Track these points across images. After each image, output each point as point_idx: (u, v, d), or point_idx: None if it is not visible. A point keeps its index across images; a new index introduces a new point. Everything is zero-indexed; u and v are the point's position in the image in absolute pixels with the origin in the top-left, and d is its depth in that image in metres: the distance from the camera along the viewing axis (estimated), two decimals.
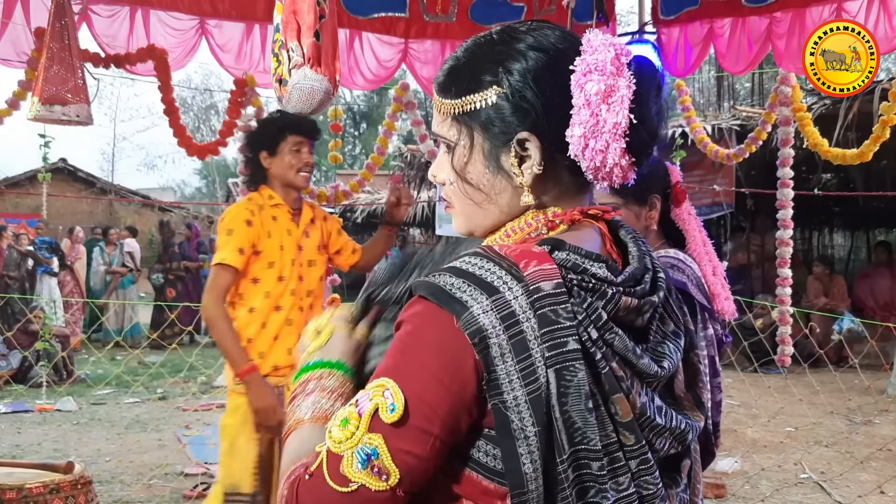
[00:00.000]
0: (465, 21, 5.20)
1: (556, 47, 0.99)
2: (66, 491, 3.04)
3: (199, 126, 29.59)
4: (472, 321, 0.86)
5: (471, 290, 0.88)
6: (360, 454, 0.85)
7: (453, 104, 1.01)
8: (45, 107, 4.28)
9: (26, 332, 7.83)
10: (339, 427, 0.87)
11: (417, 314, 0.91)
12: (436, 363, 0.87)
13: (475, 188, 1.02)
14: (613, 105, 0.93)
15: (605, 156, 0.95)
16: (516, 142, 0.98)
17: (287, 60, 2.67)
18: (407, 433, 0.86)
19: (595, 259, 0.94)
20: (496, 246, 0.94)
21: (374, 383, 0.89)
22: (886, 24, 4.43)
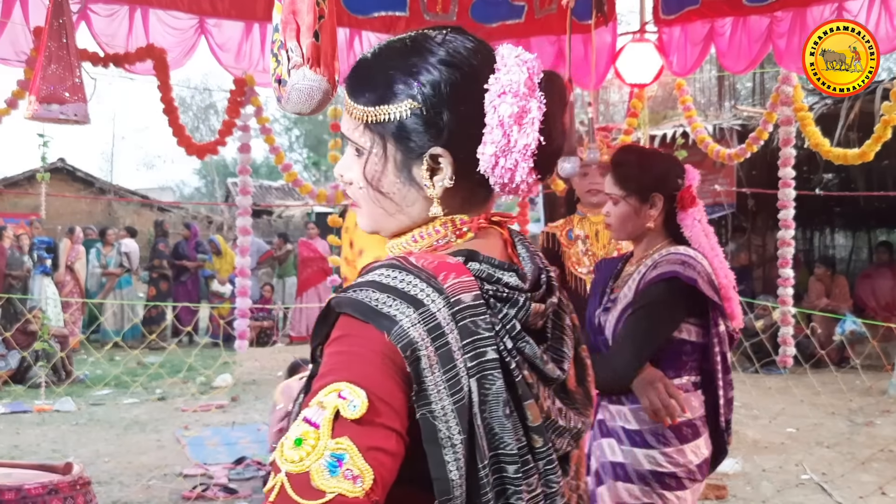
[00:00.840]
0: (465, 20, 5.19)
1: (471, 63, 1.00)
2: (64, 492, 3.02)
3: (198, 126, 29.55)
4: (403, 335, 0.88)
5: (397, 304, 0.90)
6: (328, 462, 0.82)
7: (366, 111, 1.02)
8: (43, 106, 4.27)
9: (25, 332, 7.81)
10: (293, 448, 0.83)
11: (348, 331, 0.91)
12: (382, 365, 0.88)
13: (386, 197, 1.04)
14: (525, 127, 0.97)
15: (513, 173, 0.99)
16: (429, 156, 1.00)
17: (286, 60, 2.65)
18: (373, 430, 0.85)
19: (507, 269, 0.99)
20: (412, 257, 0.96)
21: (324, 391, 0.86)
22: (887, 23, 4.42)
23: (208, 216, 19.59)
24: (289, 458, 0.83)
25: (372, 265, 0.97)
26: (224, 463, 5.15)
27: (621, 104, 12.56)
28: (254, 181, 13.67)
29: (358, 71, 1.04)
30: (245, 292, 5.78)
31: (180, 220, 16.47)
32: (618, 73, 4.94)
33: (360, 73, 1.03)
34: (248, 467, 5.04)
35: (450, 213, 1.03)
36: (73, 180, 18.45)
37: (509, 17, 5.21)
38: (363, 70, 1.03)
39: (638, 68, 4.84)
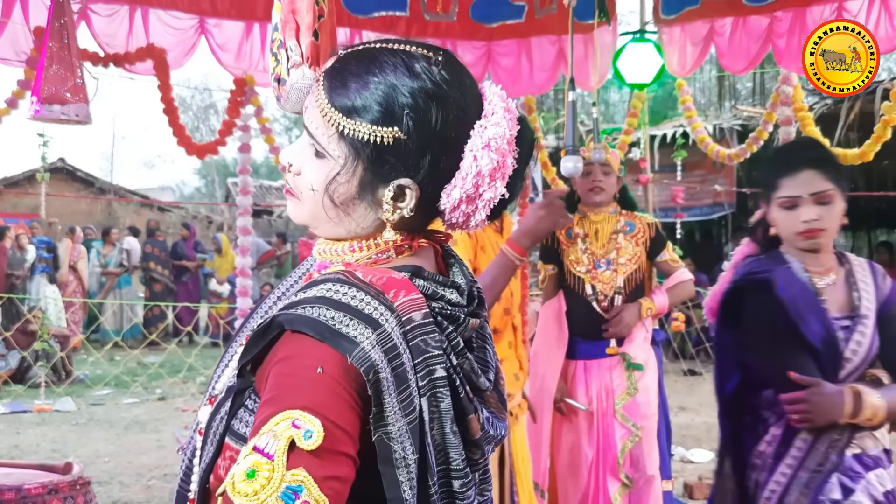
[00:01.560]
0: (465, 20, 5.19)
1: (462, 106, 0.98)
2: (64, 492, 3.03)
3: (198, 125, 29.54)
4: (365, 357, 0.87)
5: (354, 325, 0.89)
6: (284, 494, 0.80)
7: (344, 122, 0.97)
8: (44, 106, 4.27)
9: (25, 332, 7.82)
10: (245, 481, 0.81)
11: (297, 352, 0.88)
12: (336, 388, 0.86)
13: (335, 206, 1.01)
14: (495, 182, 0.98)
15: (469, 218, 1.00)
16: (397, 185, 0.98)
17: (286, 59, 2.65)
18: (328, 458, 0.84)
19: (450, 286, 1.00)
20: (357, 271, 0.96)
21: (275, 419, 0.84)
22: (887, 23, 4.42)
23: (208, 216, 19.60)
24: (242, 491, 0.80)
25: (315, 279, 0.96)
26: None
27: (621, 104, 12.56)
28: (254, 181, 13.67)
29: (344, 75, 0.99)
30: (246, 292, 5.78)
31: (179, 220, 16.48)
32: (618, 73, 4.95)
33: (346, 79, 0.98)
34: None
35: (383, 229, 1.02)
36: (73, 180, 18.45)
37: (509, 16, 5.21)
38: (350, 76, 0.98)
39: (638, 68, 4.84)
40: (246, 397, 0.96)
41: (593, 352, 3.24)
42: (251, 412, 0.94)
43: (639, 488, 3.15)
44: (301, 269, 1.17)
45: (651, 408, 3.23)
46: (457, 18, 5.15)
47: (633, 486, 3.16)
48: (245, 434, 0.94)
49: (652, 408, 3.23)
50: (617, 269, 3.25)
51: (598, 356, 3.24)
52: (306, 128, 1.02)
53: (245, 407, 0.96)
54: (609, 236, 3.29)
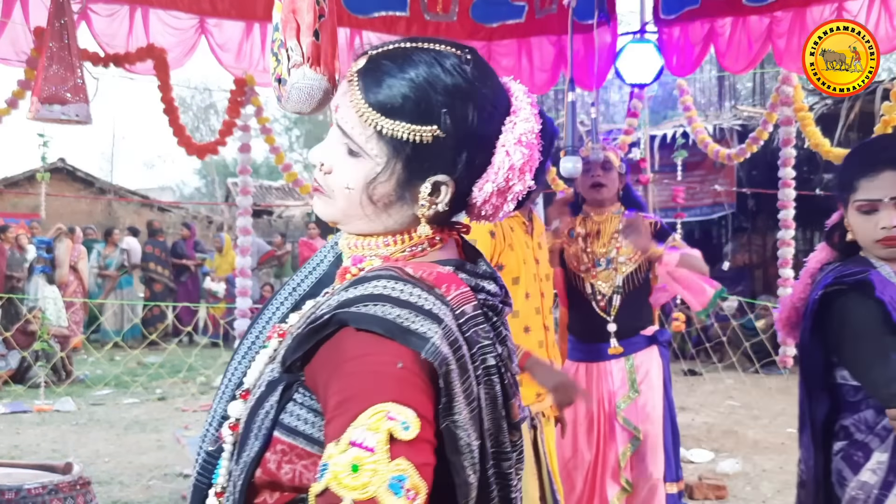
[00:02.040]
0: (465, 20, 5.19)
1: (494, 104, 1.02)
2: (64, 492, 3.02)
3: (198, 125, 29.54)
4: (437, 352, 0.89)
5: (420, 321, 0.90)
6: (393, 485, 0.83)
7: (381, 122, 0.98)
8: (45, 106, 4.27)
9: (25, 332, 7.81)
10: (351, 476, 0.83)
11: (368, 350, 0.90)
12: (414, 381, 0.89)
13: (373, 204, 1.02)
14: (525, 175, 1.02)
15: (498, 210, 1.04)
16: (434, 182, 1.00)
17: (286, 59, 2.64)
18: (420, 447, 0.86)
19: (489, 277, 1.04)
20: (407, 267, 0.97)
21: (366, 414, 0.85)
22: (887, 23, 4.42)
23: (208, 216, 19.60)
24: (350, 485, 0.83)
25: (364, 275, 0.97)
26: None
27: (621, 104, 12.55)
28: (254, 181, 13.68)
29: (379, 74, 1.00)
30: (246, 292, 5.78)
31: (179, 220, 16.48)
32: (618, 72, 4.95)
33: (382, 78, 0.99)
34: None
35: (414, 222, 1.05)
36: (73, 180, 18.44)
37: (510, 16, 5.21)
38: (385, 76, 0.99)
39: (638, 68, 4.84)
40: (294, 391, 0.97)
41: (594, 354, 3.23)
42: (301, 406, 0.96)
43: (641, 493, 3.12)
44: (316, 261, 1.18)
45: (655, 410, 3.18)
46: (457, 18, 5.15)
47: (633, 491, 3.13)
48: (297, 428, 0.95)
49: (656, 410, 3.18)
50: (616, 267, 3.24)
51: (598, 358, 3.22)
52: (340, 127, 1.03)
53: (294, 401, 0.97)
54: (610, 236, 3.29)
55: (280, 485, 0.97)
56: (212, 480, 1.06)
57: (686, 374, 8.14)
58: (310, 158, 1.11)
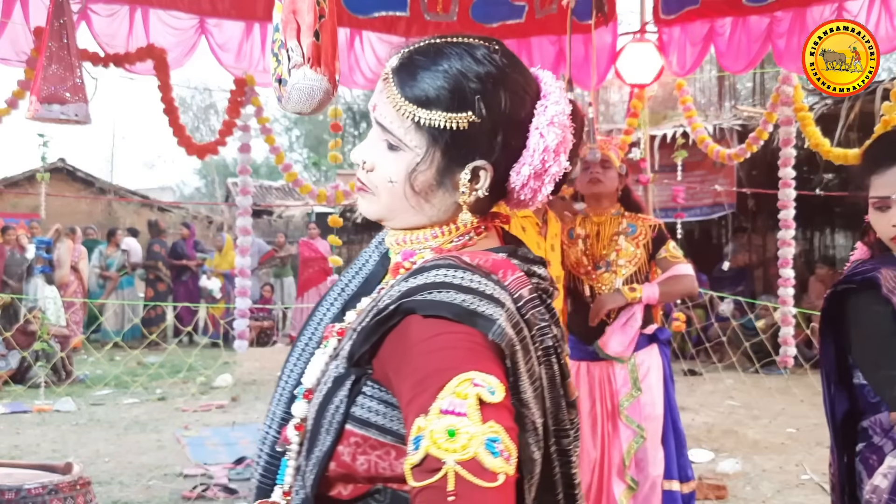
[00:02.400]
0: (466, 20, 5.19)
1: (525, 89, 1.06)
2: (64, 492, 3.02)
3: (198, 126, 29.54)
4: (504, 333, 0.92)
5: (485, 304, 0.93)
6: (489, 445, 0.84)
7: (419, 113, 1.02)
8: (44, 106, 4.27)
9: (25, 332, 7.81)
10: (449, 440, 0.84)
11: (440, 330, 0.92)
12: (489, 353, 0.91)
13: (416, 194, 1.06)
14: (560, 157, 1.05)
15: (536, 193, 1.06)
16: (473, 167, 1.04)
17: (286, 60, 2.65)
18: (505, 412, 0.88)
19: (538, 262, 1.08)
20: (464, 255, 1.00)
21: (453, 383, 0.87)
22: (887, 23, 4.42)
23: (208, 216, 19.59)
24: (450, 448, 0.84)
25: (423, 265, 1.00)
26: (224, 463, 5.15)
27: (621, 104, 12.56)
28: (254, 181, 13.67)
29: (412, 69, 1.04)
30: (245, 292, 5.78)
31: (179, 220, 16.48)
32: (618, 73, 4.95)
33: (416, 72, 1.03)
34: (249, 467, 5.04)
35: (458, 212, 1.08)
36: (73, 180, 18.45)
37: (510, 17, 5.21)
38: (419, 69, 1.03)
39: (638, 68, 4.85)
40: (363, 384, 1.00)
41: (596, 353, 3.23)
42: (371, 398, 0.99)
43: (643, 491, 3.13)
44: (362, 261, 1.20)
45: (656, 408, 3.19)
46: (457, 18, 5.15)
47: (638, 489, 3.14)
48: (369, 419, 0.98)
49: (657, 408, 3.19)
50: (616, 270, 3.23)
51: (598, 358, 3.23)
52: (379, 124, 1.07)
53: (363, 394, 0.99)
54: (610, 237, 3.28)
55: (354, 476, 0.99)
56: (276, 481, 1.09)
57: (686, 374, 8.14)
58: (351, 158, 1.14)
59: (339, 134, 5.33)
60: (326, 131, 26.39)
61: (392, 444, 0.97)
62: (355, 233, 18.63)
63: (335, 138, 5.21)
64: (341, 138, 5.64)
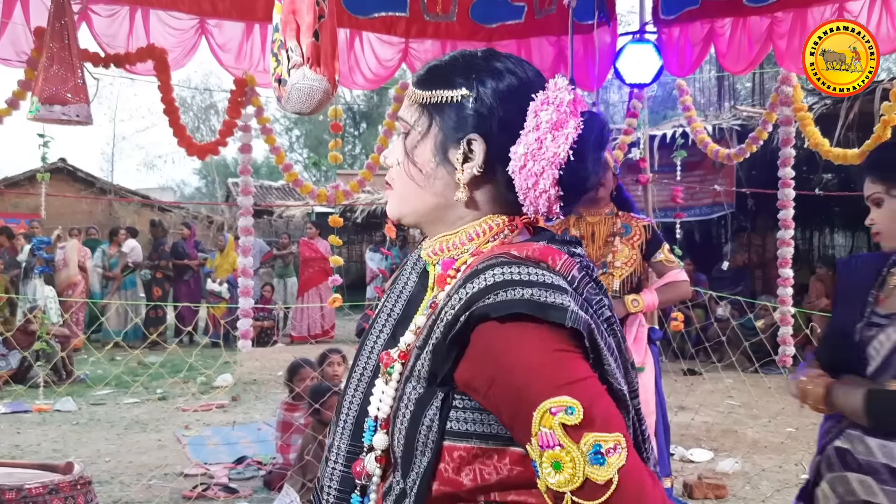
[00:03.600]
0: (465, 21, 5.20)
1: (529, 78, 1.11)
2: (65, 491, 3.03)
3: (198, 126, 29.55)
4: (578, 317, 0.95)
5: (551, 293, 0.96)
6: (594, 459, 0.90)
7: (423, 94, 1.12)
8: (45, 106, 4.28)
9: (26, 332, 7.82)
10: (557, 474, 0.91)
11: (517, 339, 0.95)
12: (559, 356, 0.95)
13: (418, 170, 1.11)
14: (558, 137, 1.04)
15: (538, 179, 1.04)
16: (466, 140, 1.08)
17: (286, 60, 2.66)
18: (594, 409, 0.92)
19: (574, 243, 1.10)
20: (512, 250, 1.03)
21: (535, 421, 0.92)
22: (888, 24, 4.43)
23: (209, 216, 19.60)
24: (561, 482, 0.91)
25: (476, 269, 1.01)
26: (224, 462, 5.15)
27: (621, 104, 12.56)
28: (254, 181, 13.66)
29: (427, 66, 1.16)
30: (248, 292, 5.78)
31: (180, 220, 16.48)
32: (618, 73, 4.95)
33: (429, 69, 1.15)
34: (249, 467, 5.05)
35: (478, 208, 1.11)
36: (73, 180, 18.47)
37: (509, 17, 5.22)
38: (432, 66, 1.15)
39: (638, 68, 4.85)
40: (452, 399, 1.01)
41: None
42: (463, 410, 1.00)
43: None
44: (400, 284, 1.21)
45: (649, 406, 3.22)
46: (456, 19, 5.16)
47: None
48: (468, 430, 1.00)
49: (650, 406, 3.22)
50: (613, 272, 3.24)
51: None
52: (398, 118, 1.16)
53: (455, 408, 1.01)
54: (605, 239, 3.29)
55: (459, 493, 1.01)
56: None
57: (685, 374, 8.14)
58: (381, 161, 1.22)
59: (340, 134, 5.33)
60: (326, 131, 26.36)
61: (494, 447, 0.99)
62: (355, 233, 18.65)
63: (335, 138, 5.21)
64: (341, 138, 5.65)
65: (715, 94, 13.52)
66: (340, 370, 4.76)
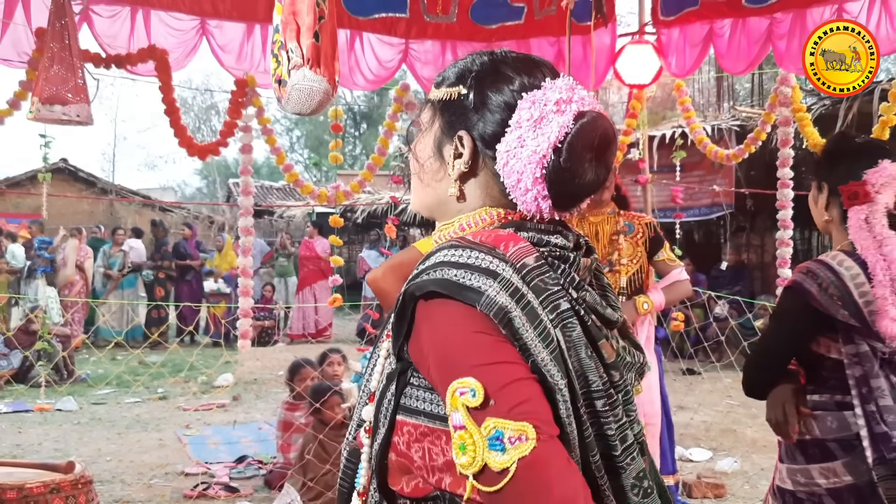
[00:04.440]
0: (465, 21, 5.21)
1: (529, 77, 1.11)
2: (66, 491, 3.04)
3: (199, 126, 29.58)
4: (492, 303, 0.96)
5: (476, 277, 0.98)
6: (492, 445, 0.90)
7: (432, 92, 1.18)
8: (46, 106, 4.29)
9: (27, 331, 7.83)
10: (462, 455, 0.92)
11: (436, 319, 0.98)
12: (472, 337, 0.96)
13: (420, 165, 1.17)
14: (540, 135, 1.04)
15: (520, 177, 1.05)
16: (457, 137, 1.12)
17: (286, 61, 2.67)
18: (503, 395, 0.92)
19: (552, 231, 1.09)
20: (468, 236, 1.06)
21: (447, 399, 0.94)
22: (887, 24, 4.44)
23: (210, 216, 19.61)
24: (465, 464, 0.92)
25: (431, 252, 1.05)
26: (225, 462, 5.17)
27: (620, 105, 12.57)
28: (255, 181, 13.67)
29: (446, 68, 1.19)
30: (248, 292, 5.80)
31: (181, 220, 16.50)
32: (617, 73, 4.97)
33: (446, 69, 1.19)
34: (250, 466, 5.06)
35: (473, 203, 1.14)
36: (74, 181, 18.49)
37: (509, 18, 5.23)
38: (449, 67, 1.19)
39: (637, 69, 4.86)
40: (410, 376, 1.05)
41: None
42: (417, 387, 1.04)
43: None
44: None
45: (654, 406, 3.23)
46: (456, 20, 5.17)
47: None
48: (417, 408, 1.04)
49: (655, 406, 3.23)
50: (619, 270, 3.26)
51: None
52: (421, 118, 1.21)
53: (410, 384, 1.05)
54: (609, 238, 3.31)
55: (412, 468, 1.04)
56: (353, 484, 1.15)
57: (684, 374, 8.15)
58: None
59: (340, 135, 5.34)
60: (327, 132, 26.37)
61: (442, 428, 1.00)
62: (355, 233, 18.66)
63: (336, 139, 5.23)
64: (342, 139, 5.66)
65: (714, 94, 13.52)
66: (340, 370, 4.78)
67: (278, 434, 4.80)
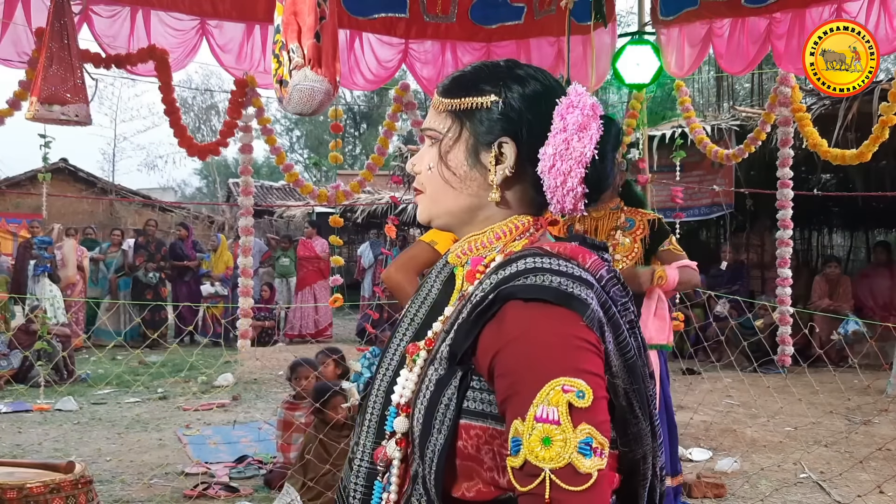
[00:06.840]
0: (465, 21, 5.21)
1: (551, 84, 1.16)
2: (66, 490, 3.05)
3: (199, 126, 29.57)
4: (594, 316, 1.00)
5: (578, 286, 1.01)
6: (582, 449, 0.92)
7: (452, 102, 1.16)
8: (44, 106, 4.29)
9: (27, 331, 7.83)
10: (544, 448, 0.93)
11: (539, 321, 0.99)
12: (579, 344, 0.98)
13: (452, 173, 1.16)
14: (584, 138, 1.09)
15: (566, 177, 1.10)
16: (497, 143, 1.13)
17: (287, 61, 2.67)
18: (597, 406, 0.95)
19: (601, 248, 1.13)
20: (543, 245, 1.08)
21: (543, 392, 0.95)
22: (887, 24, 4.44)
23: (209, 216, 19.61)
24: (545, 457, 0.93)
25: (511, 258, 1.06)
26: (225, 461, 5.17)
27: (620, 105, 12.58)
28: (255, 181, 13.67)
29: (453, 76, 1.20)
30: (247, 292, 5.80)
31: (180, 220, 16.51)
32: (617, 73, 4.97)
33: (455, 77, 1.19)
34: (250, 466, 5.06)
35: (508, 208, 1.16)
36: (75, 180, 18.49)
37: (508, 18, 5.24)
38: (458, 75, 1.19)
39: (636, 69, 4.87)
40: (469, 379, 1.04)
41: None
42: (480, 391, 1.04)
43: None
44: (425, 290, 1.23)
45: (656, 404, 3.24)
46: (456, 20, 5.17)
47: None
48: (483, 410, 1.03)
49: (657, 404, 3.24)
50: (614, 264, 3.26)
51: None
52: (425, 128, 1.20)
53: (472, 388, 1.04)
54: (608, 232, 3.31)
55: (479, 471, 1.03)
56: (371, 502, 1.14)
57: (684, 373, 8.15)
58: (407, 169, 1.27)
59: (340, 135, 5.35)
60: (327, 132, 26.37)
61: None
62: (355, 233, 18.66)
63: (336, 139, 5.23)
64: (342, 139, 5.66)
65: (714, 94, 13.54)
66: (340, 370, 4.78)
67: (278, 433, 4.80)
